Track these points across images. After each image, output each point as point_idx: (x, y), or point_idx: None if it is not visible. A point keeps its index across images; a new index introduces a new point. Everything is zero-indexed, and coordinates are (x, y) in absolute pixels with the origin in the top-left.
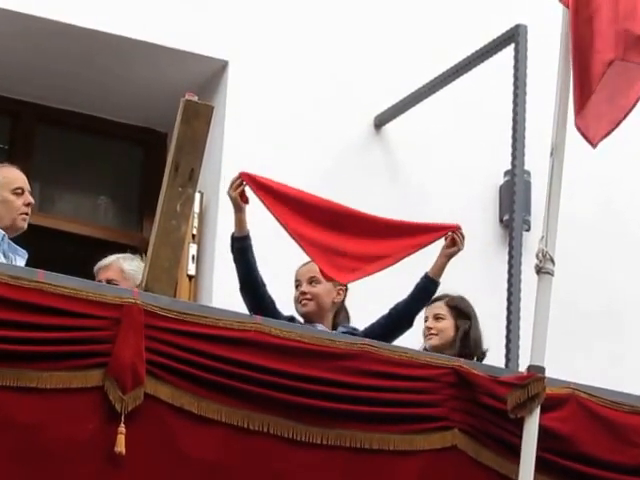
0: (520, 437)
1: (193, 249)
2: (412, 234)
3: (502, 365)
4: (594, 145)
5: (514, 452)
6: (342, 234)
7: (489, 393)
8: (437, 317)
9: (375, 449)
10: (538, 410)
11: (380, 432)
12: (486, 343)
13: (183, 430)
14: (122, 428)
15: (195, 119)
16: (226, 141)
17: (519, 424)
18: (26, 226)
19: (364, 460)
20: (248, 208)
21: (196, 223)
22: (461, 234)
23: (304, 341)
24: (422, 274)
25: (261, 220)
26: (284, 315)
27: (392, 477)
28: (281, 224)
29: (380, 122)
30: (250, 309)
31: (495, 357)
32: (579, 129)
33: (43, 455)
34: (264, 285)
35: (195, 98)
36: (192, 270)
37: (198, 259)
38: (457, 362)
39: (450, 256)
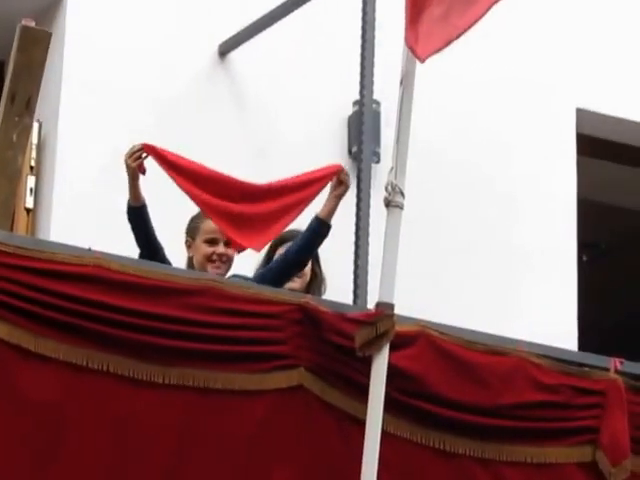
0: (368, 376)
1: (31, 181)
2: (300, 189)
3: (350, 302)
4: (422, 60)
5: (362, 391)
6: (237, 202)
7: (336, 330)
8: None
9: (220, 389)
10: (387, 348)
11: (224, 371)
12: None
13: (20, 369)
14: None
15: (32, 46)
16: (65, 69)
17: (367, 363)
18: None
19: (208, 400)
20: None
21: (34, 154)
22: (345, 173)
23: (144, 276)
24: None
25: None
26: None
27: (237, 417)
28: (189, 196)
29: (225, 50)
30: None
31: (343, 294)
32: (407, 42)
33: None
34: (162, 249)
35: (32, 24)
36: (30, 203)
37: (36, 192)
38: (304, 298)
39: (340, 197)
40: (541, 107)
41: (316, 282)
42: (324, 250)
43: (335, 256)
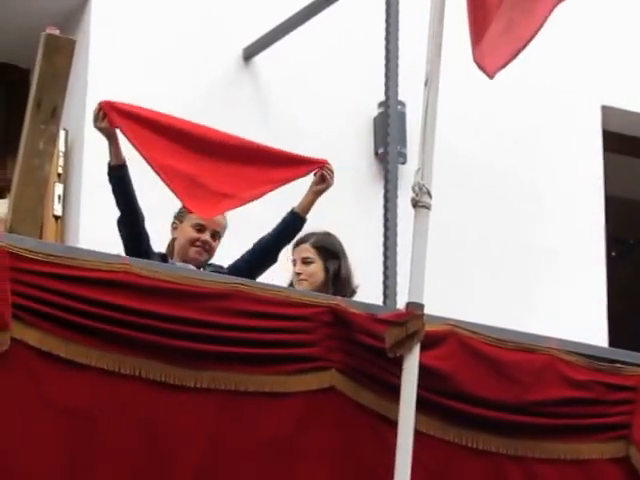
0: (400, 376)
1: (59, 189)
2: (281, 165)
3: (380, 302)
4: (491, 76)
5: (394, 392)
6: (210, 162)
7: (367, 331)
8: (305, 261)
9: (250, 391)
10: (418, 348)
11: (255, 374)
12: (357, 280)
13: (51, 376)
14: None
15: (57, 54)
16: (90, 76)
17: (398, 363)
18: None
19: (240, 403)
20: None
21: (61, 162)
22: (330, 170)
23: (174, 281)
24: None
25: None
26: (156, 252)
27: (268, 420)
28: (141, 154)
29: (249, 54)
30: (125, 242)
31: (373, 294)
32: (475, 60)
33: None
34: (143, 219)
35: (57, 32)
36: (58, 210)
37: (64, 199)
38: (333, 300)
39: (319, 193)
40: (567, 105)
41: (339, 282)
42: (353, 252)
43: (364, 257)
